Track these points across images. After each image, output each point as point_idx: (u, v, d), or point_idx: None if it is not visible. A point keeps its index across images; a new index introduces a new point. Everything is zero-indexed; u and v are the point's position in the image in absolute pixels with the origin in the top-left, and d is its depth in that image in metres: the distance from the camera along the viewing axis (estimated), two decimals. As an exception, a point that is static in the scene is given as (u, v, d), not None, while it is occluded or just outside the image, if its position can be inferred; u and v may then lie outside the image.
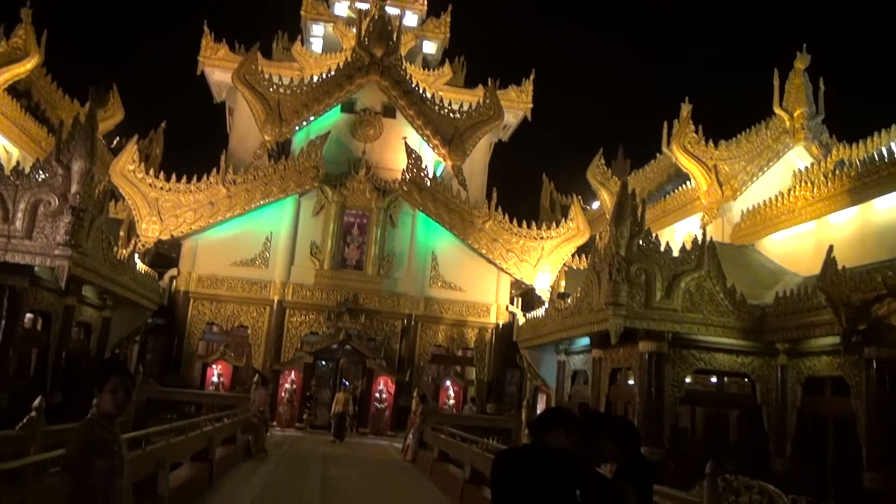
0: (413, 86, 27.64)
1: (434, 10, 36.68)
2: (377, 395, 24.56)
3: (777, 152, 23.63)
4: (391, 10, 31.27)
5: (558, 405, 8.14)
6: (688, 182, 25.35)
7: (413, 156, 26.35)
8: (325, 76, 27.20)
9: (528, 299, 26.34)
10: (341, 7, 36.37)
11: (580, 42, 65.61)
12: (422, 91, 27.99)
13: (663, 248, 15.76)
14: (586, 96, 61.56)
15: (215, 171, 25.16)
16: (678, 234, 24.36)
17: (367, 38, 27.23)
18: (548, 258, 26.14)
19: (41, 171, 15.80)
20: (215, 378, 25.03)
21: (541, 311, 22.38)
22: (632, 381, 16.45)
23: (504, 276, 26.54)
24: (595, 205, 32.09)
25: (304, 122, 26.98)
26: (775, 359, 15.70)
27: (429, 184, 26.12)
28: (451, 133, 27.71)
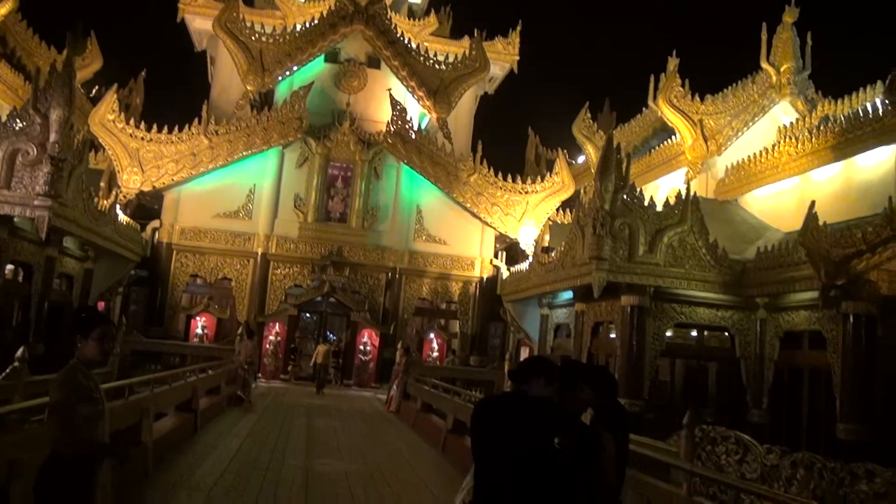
0: (398, 36, 27.22)
1: (420, -42, 35.89)
2: (361, 347, 24.75)
3: (763, 107, 23.54)
4: (376, -43, 30.53)
5: (537, 355, 8.21)
6: (673, 137, 25.26)
7: (398, 107, 26.08)
8: (308, 25, 26.71)
9: (513, 253, 26.45)
10: (325, -47, 35.49)
11: (568, -7, 64.65)
12: (407, 41, 27.58)
13: (647, 202, 15.81)
14: (573, 49, 60.99)
15: (197, 121, 24.83)
16: (663, 189, 24.38)
17: (351, -14, 26.67)
18: (532, 212, 26.17)
19: (18, 120, 15.53)
20: (199, 330, 25.12)
21: (525, 265, 22.47)
22: (614, 334, 16.64)
23: (488, 230, 26.58)
24: (580, 159, 31.98)
25: (287, 73, 26.58)
26: (755, 313, 15.92)
27: (414, 136, 25.92)
28: (436, 85, 27.41)
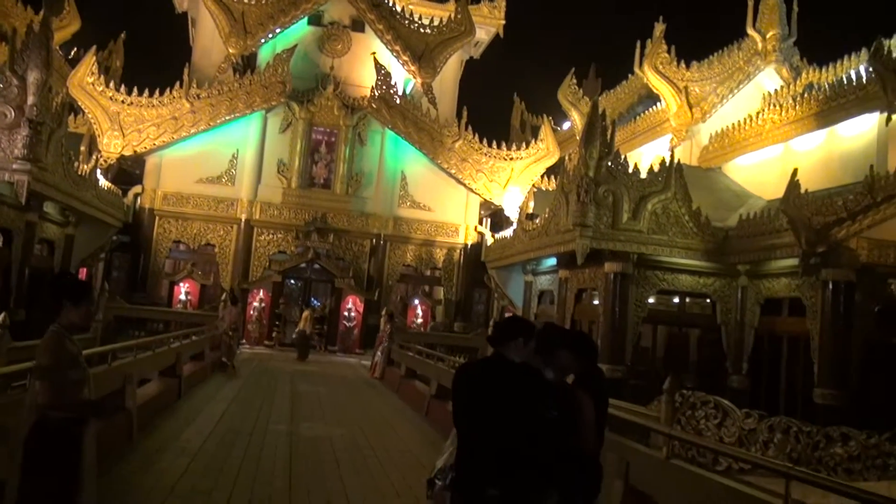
0: (382, -2, 26.83)
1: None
2: (346, 313, 24.80)
3: (748, 74, 23.54)
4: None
5: (514, 315, 8.27)
6: (658, 104, 25.23)
7: (382, 72, 25.82)
8: (291, -13, 26.24)
9: (497, 220, 26.47)
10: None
11: (555, -43, 63.83)
12: (391, 4, 27.22)
13: (631, 169, 15.83)
14: (560, 14, 60.32)
15: (178, 85, 24.47)
16: (647, 156, 24.40)
17: (334, -53, 26.22)
18: (517, 179, 26.13)
19: (-5, 82, 15.23)
20: (183, 296, 25.05)
21: (509, 232, 22.52)
22: (597, 301, 16.76)
23: (473, 197, 26.54)
24: (566, 125, 31.92)
25: (270, 35, 26.19)
26: (736, 280, 16.08)
27: (398, 101, 25.72)
28: (421, 49, 27.13)
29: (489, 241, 25.07)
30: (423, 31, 27.40)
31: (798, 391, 14.24)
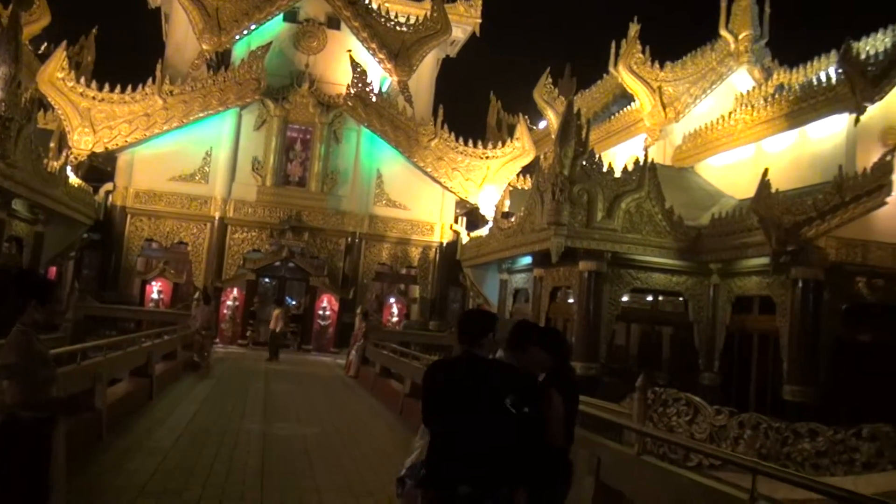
0: (358, -5, 26.73)
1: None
2: (320, 312, 24.69)
3: (721, 75, 23.79)
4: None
5: (480, 309, 8.29)
6: (633, 103, 25.41)
7: (358, 70, 25.72)
8: (266, -17, 26.04)
9: (473, 218, 26.49)
10: None
11: (531, -44, 63.99)
12: (367, 1, 27.13)
13: (606, 168, 15.93)
14: (536, 13, 60.58)
15: (151, 81, 24.17)
16: (622, 155, 24.57)
17: (309, -56, 26.08)
18: (493, 177, 26.17)
19: (-39, 77, 14.95)
20: (155, 295, 24.80)
21: (484, 230, 22.57)
22: (571, 299, 16.86)
23: (449, 195, 26.54)
24: (541, 124, 32.02)
25: (245, 32, 25.98)
26: (708, 278, 16.26)
27: (374, 99, 25.63)
28: (397, 47, 27.07)
29: (465, 239, 25.10)
30: (399, 29, 27.35)
31: (768, 388, 14.45)
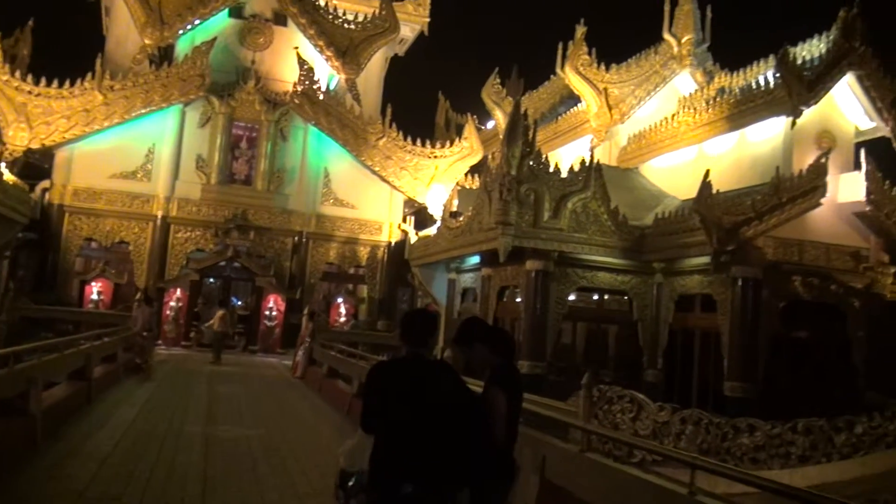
0: (305, -8, 26.46)
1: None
2: (267, 312, 24.38)
3: (664, 77, 24.22)
4: None
5: (421, 310, 8.26)
6: (579, 104, 25.70)
7: (305, 67, 25.46)
8: (210, -22, 25.57)
9: (421, 218, 26.46)
10: None
11: (480, -43, 64.26)
12: (314, -1, 26.89)
13: (553, 168, 16.09)
14: (484, 13, 60.76)
15: (90, 76, 23.51)
16: (569, 156, 24.83)
17: (255, -61, 25.71)
18: (441, 177, 26.21)
19: None
20: (95, 296, 24.18)
21: (433, 230, 22.55)
22: (519, 298, 16.97)
23: (397, 194, 26.49)
24: (490, 124, 32.14)
25: (189, 26, 25.46)
26: (652, 277, 16.57)
27: (321, 97, 25.42)
28: (345, 44, 26.89)
29: (413, 239, 25.03)
30: (347, 26, 27.18)
31: (710, 384, 14.78)
